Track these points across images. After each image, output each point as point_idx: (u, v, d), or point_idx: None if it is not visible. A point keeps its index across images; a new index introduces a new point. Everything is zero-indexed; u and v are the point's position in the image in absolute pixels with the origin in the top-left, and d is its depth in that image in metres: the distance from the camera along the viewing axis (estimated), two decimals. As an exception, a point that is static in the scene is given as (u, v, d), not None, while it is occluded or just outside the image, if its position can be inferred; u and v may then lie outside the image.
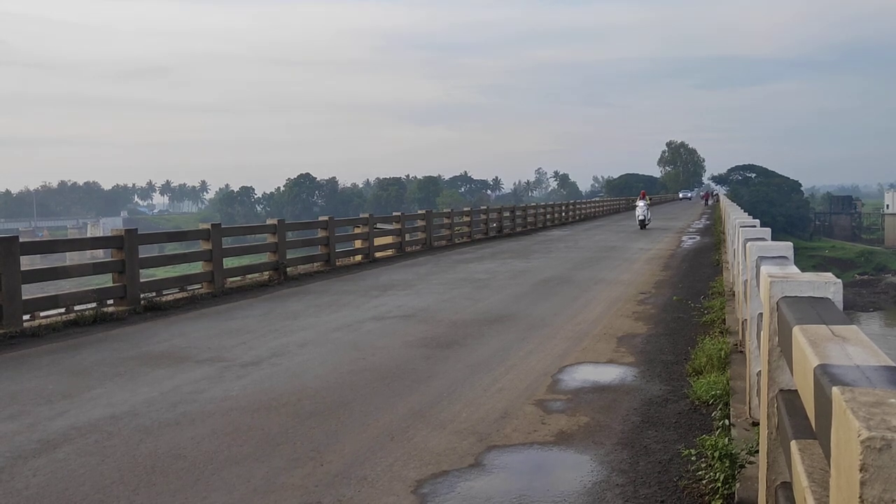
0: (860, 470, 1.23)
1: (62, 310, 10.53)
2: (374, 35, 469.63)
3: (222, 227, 13.71)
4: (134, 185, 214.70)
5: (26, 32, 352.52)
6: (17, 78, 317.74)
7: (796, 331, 2.18)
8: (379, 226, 20.46)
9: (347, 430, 5.33)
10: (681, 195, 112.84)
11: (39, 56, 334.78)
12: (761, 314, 3.35)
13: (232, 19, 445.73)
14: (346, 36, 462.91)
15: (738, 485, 4.07)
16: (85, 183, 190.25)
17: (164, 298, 11.94)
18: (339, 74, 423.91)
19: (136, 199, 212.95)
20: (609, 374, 6.94)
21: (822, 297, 2.76)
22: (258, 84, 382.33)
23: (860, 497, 1.24)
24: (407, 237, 21.30)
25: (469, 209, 28.26)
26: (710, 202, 75.62)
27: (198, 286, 13.10)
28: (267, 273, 14.77)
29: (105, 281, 11.69)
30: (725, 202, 28.42)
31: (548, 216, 37.21)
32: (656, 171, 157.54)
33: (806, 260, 77.84)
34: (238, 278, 14.27)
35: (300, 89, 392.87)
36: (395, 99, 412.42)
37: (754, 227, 7.58)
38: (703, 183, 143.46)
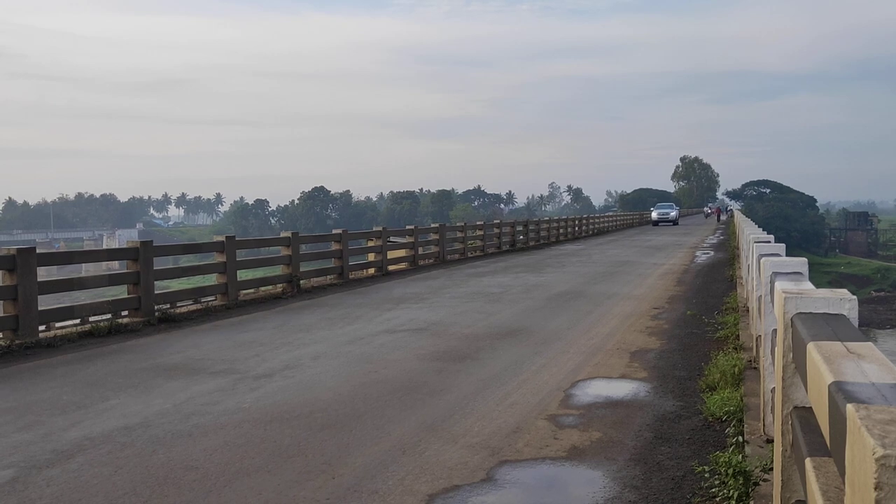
0: (875, 488, 1.23)
1: (77, 321, 10.61)
2: (385, 49, 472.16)
3: (236, 239, 13.80)
4: (150, 197, 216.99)
5: (46, 46, 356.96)
6: (36, 90, 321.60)
7: (811, 347, 2.17)
8: (392, 239, 20.51)
9: (359, 443, 5.33)
10: (655, 215, 59.65)
11: (58, 69, 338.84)
12: (775, 330, 3.34)
13: (245, 33, 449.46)
14: (357, 49, 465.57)
15: (751, 502, 4.04)
16: (101, 195, 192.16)
17: (178, 310, 12.00)
18: (351, 88, 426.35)
19: (152, 211, 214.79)
20: (622, 389, 6.91)
21: (837, 314, 2.75)
22: (272, 97, 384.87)
23: (875, 515, 1.23)
24: (420, 251, 21.33)
25: (482, 223, 28.27)
26: (721, 217, 67.16)
27: (212, 298, 13.17)
28: (280, 286, 14.83)
29: (120, 292, 11.77)
30: (740, 217, 28.29)
31: (561, 230, 37.16)
32: (670, 186, 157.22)
33: (821, 276, 77.31)
34: (252, 290, 14.33)
35: (313, 102, 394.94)
36: (407, 112, 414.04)
37: (769, 242, 7.55)
38: (718, 198, 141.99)
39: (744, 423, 5.44)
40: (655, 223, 57.51)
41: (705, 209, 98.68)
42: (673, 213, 59.13)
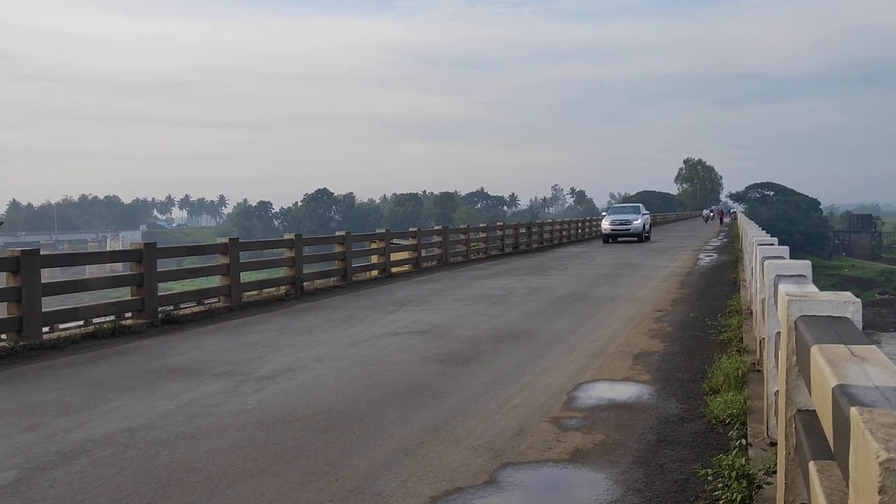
0: (879, 492, 1.22)
1: (81, 322, 10.63)
2: (388, 51, 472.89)
3: (240, 241, 13.83)
4: (153, 199, 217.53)
5: (51, 48, 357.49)
6: (41, 92, 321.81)
7: (815, 350, 2.16)
8: (395, 241, 20.51)
9: (362, 445, 5.33)
10: (607, 225, 34.31)
11: (62, 71, 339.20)
12: (779, 333, 3.33)
13: (248, 36, 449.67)
14: (360, 51, 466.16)
15: (755, 506, 4.03)
16: (105, 197, 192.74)
17: (181, 312, 12.02)
18: (354, 90, 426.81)
19: (156, 213, 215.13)
20: (625, 391, 6.90)
21: (840, 317, 2.74)
22: (275, 99, 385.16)
23: (879, 519, 1.23)
24: (423, 253, 21.32)
25: (485, 225, 28.28)
26: (725, 220, 68.50)
27: (215, 300, 13.18)
28: (283, 288, 14.83)
29: (124, 294, 11.78)
30: (743, 220, 28.26)
31: (564, 232, 37.16)
32: (673, 189, 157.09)
33: (825, 279, 77.11)
34: (255, 292, 14.34)
35: (317, 104, 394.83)
36: (410, 114, 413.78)
37: (772, 245, 7.54)
38: (721, 200, 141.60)
39: (747, 426, 5.43)
40: (607, 239, 34.42)
41: (704, 212, 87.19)
42: (637, 222, 34.11)
